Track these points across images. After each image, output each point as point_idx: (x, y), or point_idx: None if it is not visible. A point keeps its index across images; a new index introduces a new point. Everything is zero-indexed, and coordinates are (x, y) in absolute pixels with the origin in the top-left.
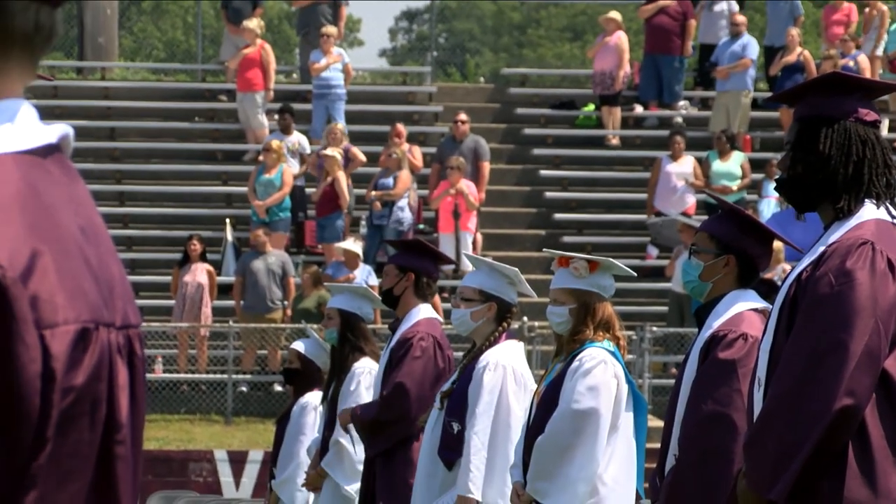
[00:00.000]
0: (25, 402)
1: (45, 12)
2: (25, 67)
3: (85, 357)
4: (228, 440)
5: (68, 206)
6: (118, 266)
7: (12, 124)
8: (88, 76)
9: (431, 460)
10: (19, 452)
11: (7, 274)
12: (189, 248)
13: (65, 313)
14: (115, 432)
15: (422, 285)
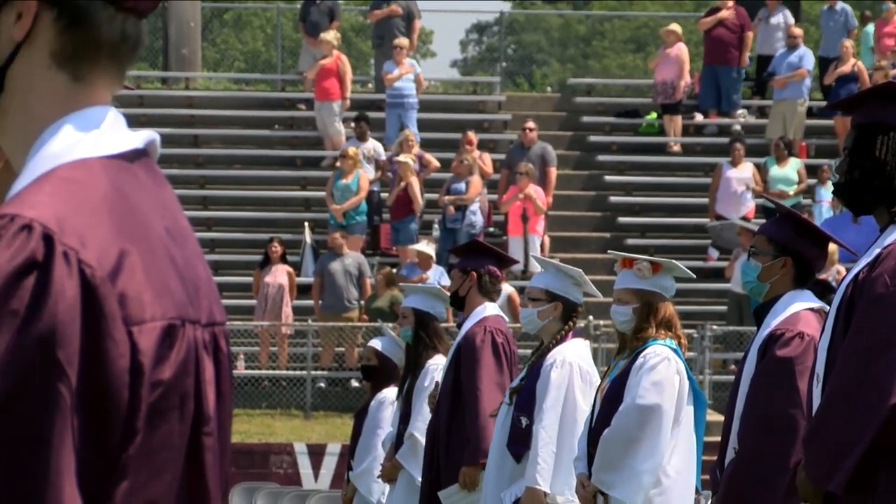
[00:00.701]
0: (114, 396)
1: (131, 23)
2: (113, 76)
3: (172, 352)
4: (307, 434)
5: (155, 209)
6: (204, 266)
7: (100, 130)
8: (173, 86)
9: (501, 453)
10: (109, 444)
11: (96, 273)
12: (270, 250)
13: (152, 310)
14: (203, 425)
15: (485, 284)
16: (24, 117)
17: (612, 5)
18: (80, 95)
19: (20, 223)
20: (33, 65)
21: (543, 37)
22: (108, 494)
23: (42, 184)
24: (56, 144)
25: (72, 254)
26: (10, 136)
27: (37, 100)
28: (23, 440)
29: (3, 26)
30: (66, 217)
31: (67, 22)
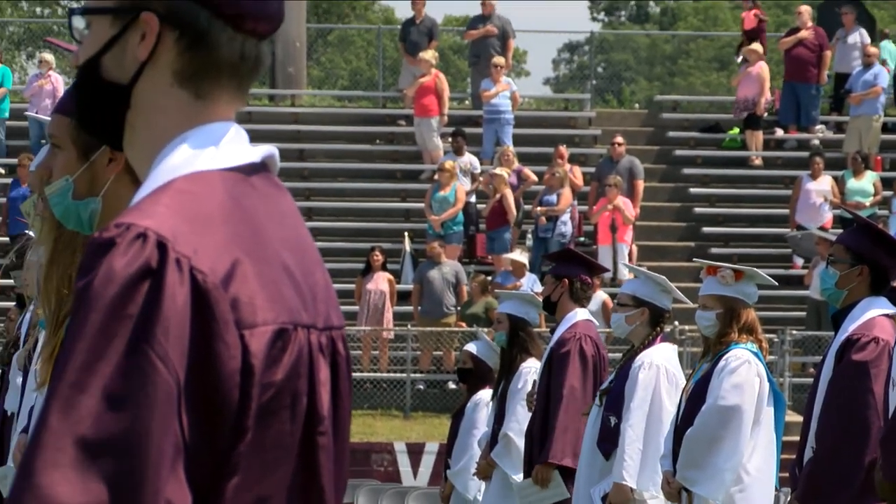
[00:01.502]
0: (225, 395)
1: (250, 44)
2: (233, 94)
3: (284, 355)
4: (407, 433)
5: (272, 219)
6: (322, 274)
7: (219, 145)
8: (280, 103)
9: (591, 451)
10: (220, 442)
11: (208, 279)
12: (371, 258)
13: (263, 315)
14: (317, 424)
15: (576, 290)
16: (148, 132)
17: (696, 25)
18: (202, 112)
19: (136, 231)
20: (157, 83)
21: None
22: (220, 489)
23: (160, 195)
24: (176, 158)
25: (184, 261)
26: (136, 150)
27: (160, 116)
28: (131, 438)
29: (129, 46)
30: (180, 226)
31: (189, 42)
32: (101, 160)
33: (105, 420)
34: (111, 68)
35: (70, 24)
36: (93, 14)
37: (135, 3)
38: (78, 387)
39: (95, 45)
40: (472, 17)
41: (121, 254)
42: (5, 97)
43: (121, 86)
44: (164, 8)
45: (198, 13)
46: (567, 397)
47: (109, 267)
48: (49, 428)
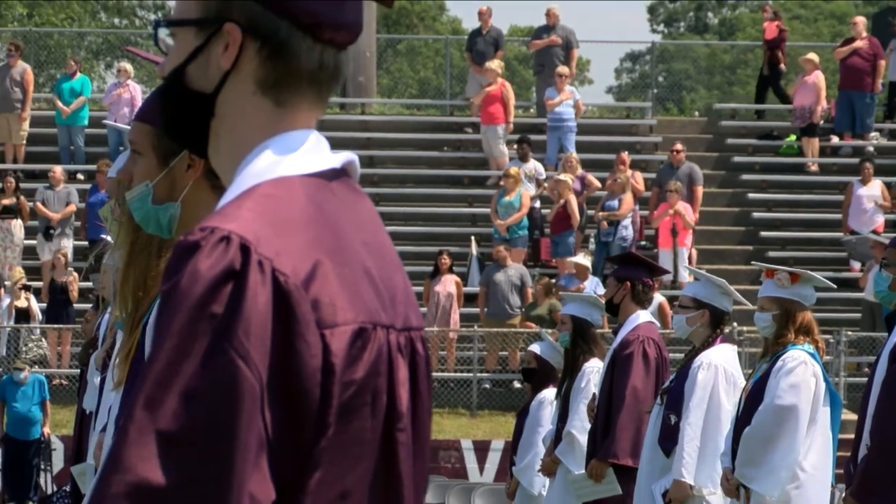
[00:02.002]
0: (306, 393)
1: (330, 53)
2: (313, 103)
3: (364, 353)
4: (473, 431)
5: (352, 223)
6: (402, 277)
7: (300, 151)
8: (350, 111)
9: (652, 448)
10: (302, 438)
11: (290, 280)
12: (439, 262)
13: (344, 315)
14: (396, 421)
15: (638, 293)
16: (231, 140)
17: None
18: (283, 120)
19: (220, 235)
20: (240, 91)
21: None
22: (303, 484)
23: (243, 199)
24: (259, 164)
25: (266, 263)
26: (220, 157)
27: (243, 123)
28: (213, 434)
29: (213, 56)
30: (262, 229)
31: (270, 52)
32: (179, 166)
33: (187, 416)
34: (196, 78)
35: (156, 35)
36: (178, 26)
37: (218, 15)
38: (163, 384)
39: (180, 55)
40: (536, 28)
41: (205, 256)
42: (84, 106)
43: (205, 95)
44: (246, 19)
45: (278, 24)
46: (630, 398)
47: (194, 269)
48: (135, 422)
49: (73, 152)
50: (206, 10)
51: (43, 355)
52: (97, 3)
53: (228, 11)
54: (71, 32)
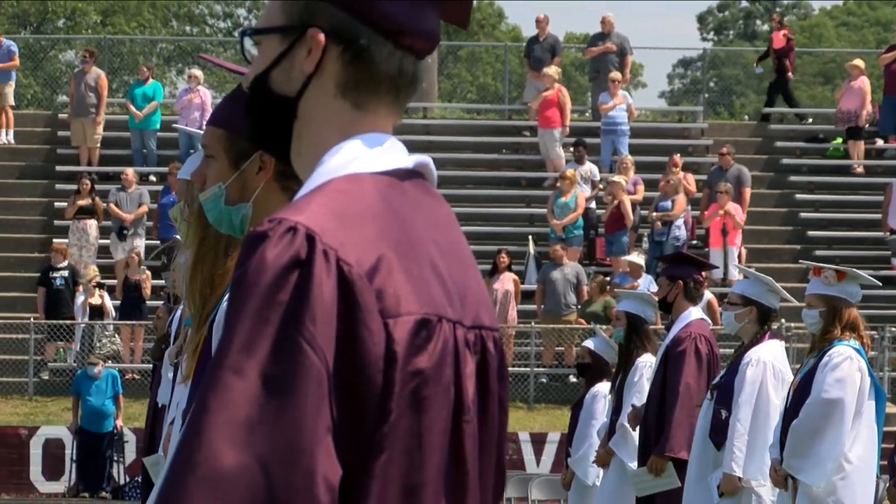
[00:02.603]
0: (369, 379)
1: (409, 60)
2: (391, 107)
3: (429, 344)
4: (531, 423)
5: (423, 221)
6: (476, 277)
7: (374, 151)
8: (412, 115)
9: (704, 442)
10: (365, 422)
11: (353, 270)
12: (498, 260)
13: (407, 306)
14: (462, 414)
15: (690, 290)
16: (312, 141)
17: (802, 42)
18: (361, 122)
19: (287, 225)
20: (321, 93)
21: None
22: (368, 468)
23: (315, 194)
24: (334, 162)
25: (331, 252)
26: (301, 158)
27: (323, 125)
28: (284, 417)
29: (297, 61)
30: (328, 221)
31: (351, 56)
32: (251, 169)
33: (259, 400)
34: (280, 82)
35: (241, 44)
36: (264, 34)
37: (302, 21)
38: (233, 369)
39: (265, 61)
40: (592, 35)
41: (272, 245)
42: (157, 110)
43: (288, 98)
44: (329, 24)
45: (360, 29)
46: (683, 393)
47: (262, 257)
48: (207, 408)
49: (146, 155)
50: (291, 17)
51: (116, 351)
52: (168, 12)
53: (312, 17)
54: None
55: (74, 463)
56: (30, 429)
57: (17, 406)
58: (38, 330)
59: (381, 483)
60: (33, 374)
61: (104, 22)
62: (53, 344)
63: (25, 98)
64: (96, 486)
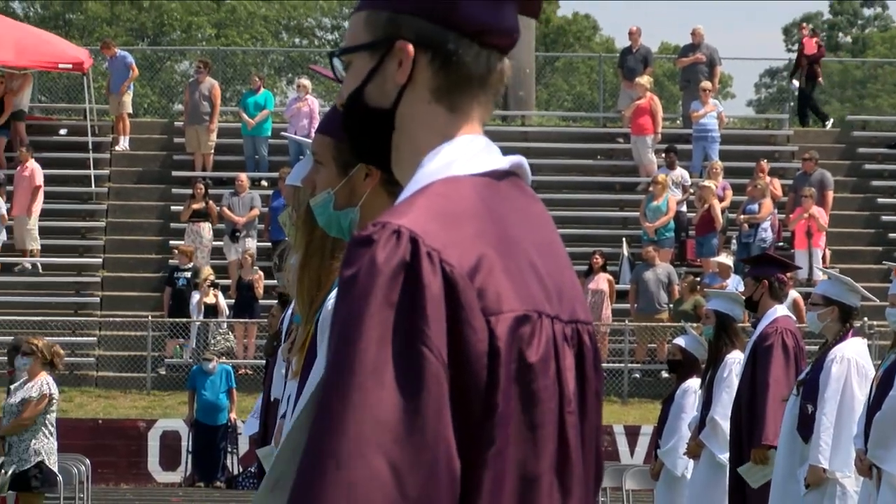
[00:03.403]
0: (474, 375)
1: (495, 57)
2: (483, 106)
3: (533, 340)
4: (624, 417)
5: (520, 220)
6: (571, 274)
7: (471, 154)
8: (511, 123)
9: (790, 436)
10: (472, 417)
11: (456, 270)
12: (593, 261)
13: (509, 303)
14: (565, 405)
15: (775, 289)
16: (411, 149)
17: (883, 52)
18: (456, 125)
19: (391, 229)
20: (416, 102)
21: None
22: (477, 459)
23: (416, 197)
24: (432, 165)
25: (434, 254)
26: (401, 167)
27: (420, 131)
28: (412, 418)
29: (388, 73)
30: (430, 224)
31: (441, 62)
32: (358, 175)
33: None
34: (374, 96)
35: (332, 65)
36: (352, 52)
37: (388, 35)
38: (352, 371)
39: (357, 78)
40: (683, 46)
41: (379, 248)
42: (268, 118)
43: (384, 110)
44: (415, 34)
45: (446, 34)
46: (773, 386)
47: (371, 260)
48: (333, 412)
49: (258, 161)
50: (376, 33)
51: (230, 347)
52: (279, 24)
53: (398, 30)
54: (255, 51)
55: (190, 454)
56: (148, 421)
57: (136, 400)
58: (155, 327)
59: (494, 474)
60: (151, 369)
61: (218, 34)
62: (171, 341)
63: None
64: (211, 476)
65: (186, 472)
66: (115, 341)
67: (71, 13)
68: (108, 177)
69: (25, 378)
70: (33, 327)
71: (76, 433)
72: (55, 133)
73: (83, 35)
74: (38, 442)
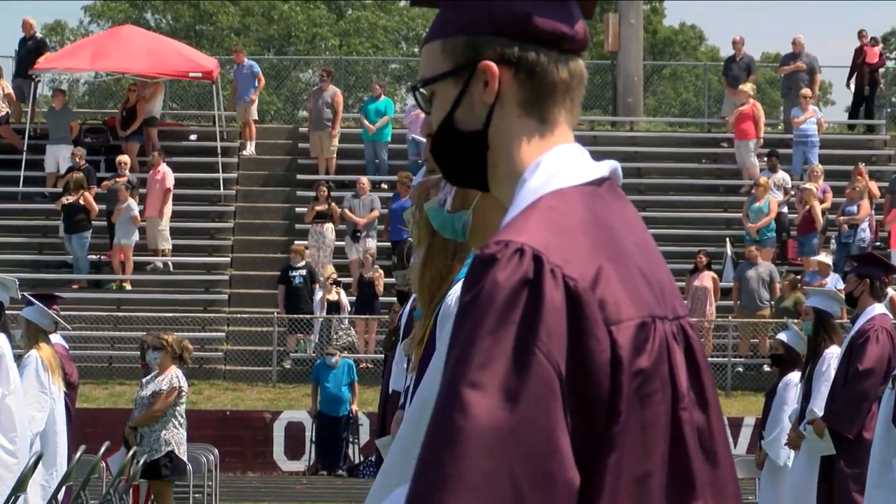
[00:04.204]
0: (598, 383)
1: (573, 61)
2: (570, 112)
3: (647, 344)
4: (727, 409)
5: (622, 226)
6: (666, 270)
7: (570, 164)
8: (620, 128)
9: (886, 427)
10: (596, 423)
11: (579, 284)
12: (698, 260)
13: (627, 312)
14: (679, 401)
15: (875, 288)
16: (507, 165)
17: None
18: (549, 136)
19: (514, 248)
20: (507, 117)
21: None
22: (601, 464)
23: (528, 213)
24: (536, 180)
25: (557, 270)
26: (499, 183)
27: (515, 146)
28: (528, 421)
29: (475, 96)
30: (550, 239)
31: (525, 75)
32: None
33: (501, 413)
34: (465, 120)
35: (416, 97)
36: (435, 82)
37: (469, 59)
38: (475, 385)
39: (445, 106)
40: (784, 55)
41: (502, 268)
42: (388, 124)
43: (477, 132)
44: (496, 53)
45: (526, 47)
46: (864, 376)
47: (494, 280)
48: (453, 426)
49: (378, 165)
50: (457, 59)
51: (351, 342)
52: (399, 35)
53: (478, 52)
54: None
55: (313, 444)
56: (273, 413)
57: (262, 392)
58: (280, 323)
59: (614, 476)
60: (276, 363)
61: (340, 44)
62: (294, 336)
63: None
64: (333, 464)
65: (310, 461)
66: (242, 336)
67: (202, 25)
68: (235, 180)
69: (156, 372)
70: (164, 323)
71: (205, 424)
72: (186, 138)
73: (212, 45)
74: (168, 432)
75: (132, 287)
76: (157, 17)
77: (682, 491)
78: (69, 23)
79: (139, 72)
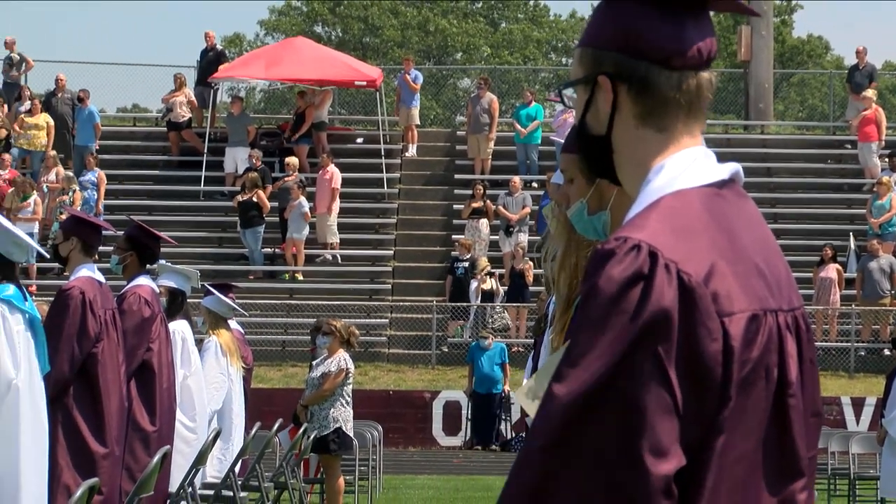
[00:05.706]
0: (710, 372)
1: (688, 76)
2: (687, 121)
3: (757, 336)
4: (851, 389)
5: (742, 223)
6: (783, 264)
7: (691, 167)
8: (752, 132)
9: None
10: (707, 409)
11: (692, 279)
12: (823, 253)
13: (739, 304)
14: (787, 388)
15: None
16: (631, 167)
17: None
18: (668, 142)
19: (631, 244)
20: (626, 127)
21: None
22: (710, 446)
23: (649, 212)
24: (658, 182)
25: (672, 265)
26: (626, 182)
27: (636, 152)
28: (625, 407)
29: (599, 104)
30: (666, 237)
31: (638, 90)
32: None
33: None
34: (592, 125)
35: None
36: (570, 86)
37: (594, 71)
38: (581, 366)
39: (579, 109)
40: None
41: (618, 262)
42: (538, 128)
43: (602, 136)
44: (614, 68)
45: (637, 65)
46: None
47: (609, 273)
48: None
49: (529, 165)
50: (587, 69)
51: (505, 324)
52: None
53: (600, 65)
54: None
55: (469, 421)
56: (432, 392)
57: (422, 374)
58: (439, 311)
59: (720, 457)
60: (435, 347)
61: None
62: (452, 322)
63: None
64: (487, 440)
65: (466, 436)
66: (404, 323)
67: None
68: (398, 179)
69: (325, 355)
70: (333, 311)
71: (370, 403)
72: (352, 141)
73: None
74: (336, 410)
75: (303, 277)
76: (326, 29)
77: (790, 472)
78: (247, 35)
79: (307, 80)
